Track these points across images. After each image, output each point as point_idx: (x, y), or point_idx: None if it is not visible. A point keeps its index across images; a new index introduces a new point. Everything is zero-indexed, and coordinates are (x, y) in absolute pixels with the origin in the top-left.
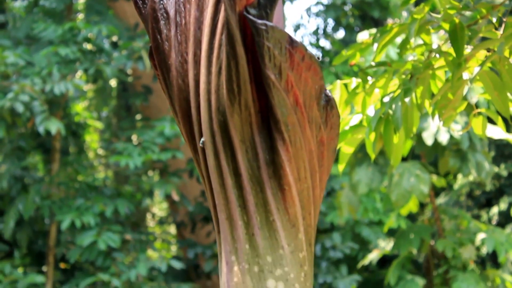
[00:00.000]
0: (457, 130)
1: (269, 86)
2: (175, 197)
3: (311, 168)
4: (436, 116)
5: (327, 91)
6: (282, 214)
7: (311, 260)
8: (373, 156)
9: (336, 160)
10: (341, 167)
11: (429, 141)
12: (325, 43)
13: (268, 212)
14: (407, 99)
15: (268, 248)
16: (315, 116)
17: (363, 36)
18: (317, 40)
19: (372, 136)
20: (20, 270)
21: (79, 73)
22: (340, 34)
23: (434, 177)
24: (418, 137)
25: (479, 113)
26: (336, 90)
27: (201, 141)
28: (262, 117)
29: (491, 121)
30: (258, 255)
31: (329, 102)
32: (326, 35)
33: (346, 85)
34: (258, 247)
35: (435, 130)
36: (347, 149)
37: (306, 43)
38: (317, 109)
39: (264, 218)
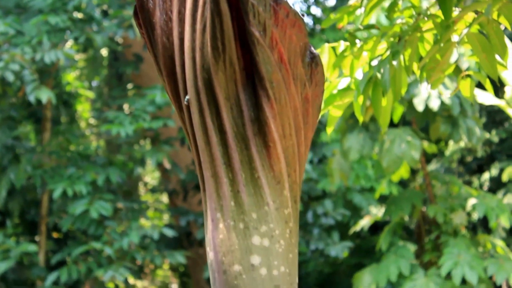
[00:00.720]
0: (446, 94)
1: (253, 43)
2: (167, 165)
3: (296, 125)
4: (426, 81)
5: (312, 48)
6: (267, 171)
7: (296, 217)
8: (361, 119)
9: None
10: (329, 129)
11: (420, 107)
12: (316, 11)
13: (253, 169)
14: (395, 62)
15: (253, 205)
16: (300, 73)
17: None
18: (308, 7)
19: (361, 99)
20: (12, 240)
21: (70, 42)
22: (331, 1)
23: (425, 143)
24: (409, 103)
25: (467, 76)
26: (324, 54)
27: (186, 99)
28: (247, 74)
29: (482, 87)
30: (243, 212)
31: (314, 59)
32: (317, 2)
33: (334, 49)
34: (243, 204)
35: (426, 96)
36: (335, 112)
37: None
38: (302, 66)
39: (249, 175)
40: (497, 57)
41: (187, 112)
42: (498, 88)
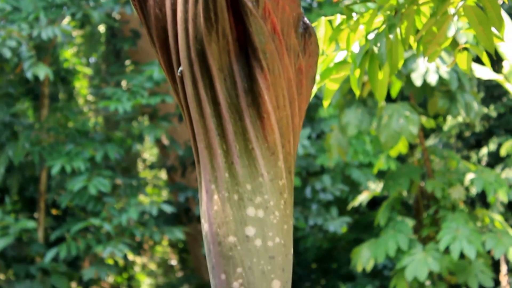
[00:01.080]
0: (444, 68)
1: (246, 13)
2: (165, 141)
3: (290, 96)
4: (422, 55)
5: (305, 19)
6: (261, 142)
7: (290, 188)
8: (357, 92)
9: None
10: (325, 103)
11: (418, 82)
12: None
13: (247, 140)
14: (391, 35)
15: (248, 176)
16: (293, 43)
17: None
18: None
19: (357, 72)
20: (11, 217)
21: (67, 18)
22: None
23: (423, 118)
24: (407, 78)
25: (464, 49)
26: (321, 27)
27: (179, 70)
28: (240, 45)
29: (480, 62)
30: (237, 183)
31: (307, 30)
32: None
33: (330, 22)
34: (238, 175)
35: (424, 71)
36: (331, 85)
37: None
38: (295, 37)
39: (243, 147)
40: (494, 30)
41: (181, 83)
42: (496, 62)
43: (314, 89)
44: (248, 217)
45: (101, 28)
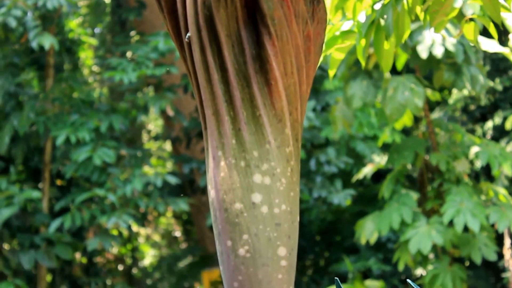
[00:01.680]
0: (450, 40)
1: None
2: (170, 112)
3: (298, 63)
4: (429, 26)
5: None
6: (269, 109)
7: (297, 155)
8: (363, 62)
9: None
10: (331, 72)
11: (423, 54)
12: None
13: (255, 107)
14: (398, 5)
15: (255, 143)
16: (302, 10)
17: None
18: None
19: (363, 42)
20: (16, 187)
21: None
22: None
23: (429, 91)
24: (413, 51)
25: (471, 20)
26: None
27: (186, 36)
28: (248, 11)
29: (486, 35)
30: (244, 150)
31: None
32: None
33: None
34: (245, 142)
35: (430, 43)
36: (337, 55)
37: None
38: (303, 3)
39: (250, 113)
40: (501, 0)
41: (188, 49)
42: (503, 34)
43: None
44: (254, 184)
45: None
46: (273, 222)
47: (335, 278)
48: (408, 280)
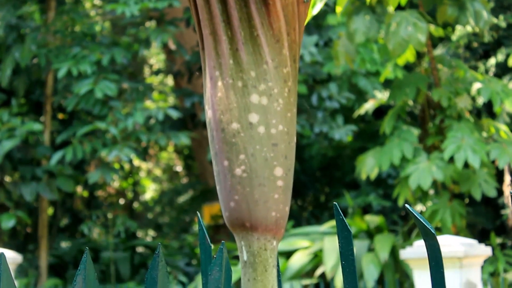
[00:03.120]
0: None
1: None
2: (172, 46)
3: None
4: None
5: None
6: (267, 29)
7: (295, 76)
8: None
9: None
10: (338, 8)
11: None
12: None
13: (252, 27)
14: None
15: (252, 63)
16: None
17: None
18: None
19: None
20: (18, 119)
21: None
22: None
23: (432, 27)
24: None
25: None
26: None
27: None
28: None
29: None
30: (242, 70)
31: None
32: None
33: None
34: (242, 62)
35: None
36: None
37: None
38: None
39: (248, 33)
40: None
41: None
42: None
43: None
44: (252, 104)
45: None
46: (269, 142)
47: (334, 203)
48: (406, 205)
